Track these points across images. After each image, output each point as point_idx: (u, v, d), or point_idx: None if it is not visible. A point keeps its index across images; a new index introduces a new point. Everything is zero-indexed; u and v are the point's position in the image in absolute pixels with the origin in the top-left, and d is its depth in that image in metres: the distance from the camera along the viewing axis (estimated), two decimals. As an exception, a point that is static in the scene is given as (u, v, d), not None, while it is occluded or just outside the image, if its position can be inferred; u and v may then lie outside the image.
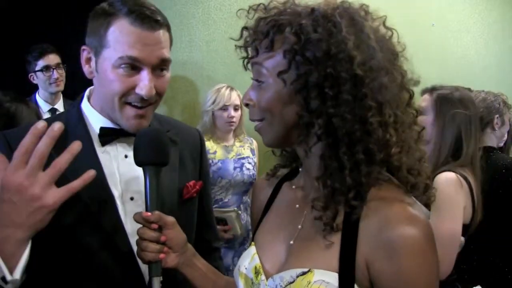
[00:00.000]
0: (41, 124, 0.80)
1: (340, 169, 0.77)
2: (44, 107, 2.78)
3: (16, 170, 0.78)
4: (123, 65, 0.96)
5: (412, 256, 0.71)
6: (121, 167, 1.05)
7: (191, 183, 1.13)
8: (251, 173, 2.52)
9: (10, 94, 1.67)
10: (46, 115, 2.65)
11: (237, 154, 2.55)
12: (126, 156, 1.06)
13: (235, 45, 0.85)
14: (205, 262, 1.04)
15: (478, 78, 3.16)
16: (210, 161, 2.45)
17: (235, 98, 2.48)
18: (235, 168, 2.50)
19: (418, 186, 0.80)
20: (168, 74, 1.04)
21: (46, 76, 2.72)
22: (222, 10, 2.86)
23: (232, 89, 2.49)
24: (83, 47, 1.03)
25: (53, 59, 2.72)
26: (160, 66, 1.00)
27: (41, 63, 2.71)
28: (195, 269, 1.00)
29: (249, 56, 0.84)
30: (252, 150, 2.61)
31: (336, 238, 0.78)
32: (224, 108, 2.46)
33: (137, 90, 0.97)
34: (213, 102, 2.47)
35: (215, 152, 2.49)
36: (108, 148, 1.05)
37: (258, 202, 1.02)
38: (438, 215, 1.53)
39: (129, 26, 0.95)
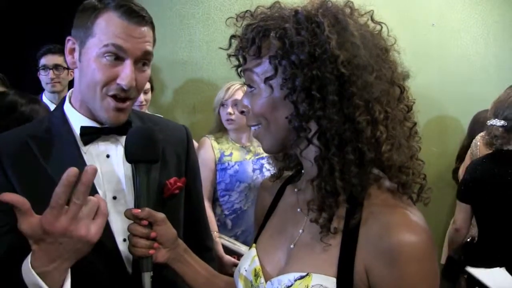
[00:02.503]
0: (72, 172, 0.81)
1: (331, 171, 0.76)
2: (50, 106, 2.77)
3: (57, 217, 0.82)
4: (107, 54, 0.97)
5: (412, 263, 0.71)
6: (103, 167, 1.05)
7: (172, 180, 1.12)
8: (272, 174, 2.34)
9: (26, 95, 1.67)
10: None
11: (256, 154, 2.34)
12: (108, 156, 1.06)
13: (227, 54, 0.85)
14: (199, 259, 1.04)
15: (478, 78, 3.16)
16: (226, 164, 2.28)
17: (239, 94, 2.27)
18: (254, 170, 2.29)
19: (410, 185, 0.79)
20: (148, 71, 1.05)
21: (43, 75, 2.72)
22: (222, 10, 2.86)
23: (239, 85, 2.30)
24: (68, 37, 1.04)
25: (52, 59, 2.71)
26: (142, 59, 1.01)
27: (42, 62, 2.71)
28: (186, 265, 1.00)
29: (240, 64, 0.84)
30: None
31: (336, 243, 0.78)
32: (224, 104, 2.31)
33: (118, 81, 0.98)
34: (217, 99, 2.34)
35: (230, 154, 2.31)
36: (90, 147, 1.05)
37: (262, 204, 1.02)
38: None
39: (117, 19, 0.98)
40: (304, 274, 0.78)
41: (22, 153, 1.01)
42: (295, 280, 0.78)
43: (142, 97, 2.43)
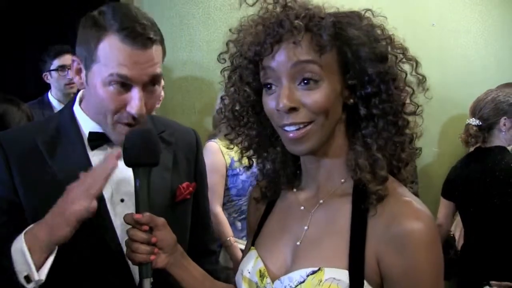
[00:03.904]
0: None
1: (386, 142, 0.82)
2: (57, 106, 2.75)
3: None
4: (113, 83, 0.95)
5: (421, 249, 0.74)
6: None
7: (184, 184, 1.12)
8: None
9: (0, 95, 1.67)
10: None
11: None
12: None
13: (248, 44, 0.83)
14: (195, 264, 1.02)
15: (478, 78, 3.15)
16: (237, 169, 2.28)
17: None
18: None
19: (398, 170, 0.85)
20: (159, 88, 1.03)
21: (61, 76, 2.70)
22: (222, 10, 2.85)
23: None
24: (73, 57, 1.02)
25: (69, 59, 2.62)
26: (151, 82, 0.99)
27: (56, 63, 2.69)
28: (184, 270, 0.99)
29: (299, 58, 0.77)
30: None
31: (345, 235, 0.79)
32: None
33: (128, 109, 0.97)
34: None
35: (239, 159, 2.29)
36: (98, 150, 1.05)
37: (255, 209, 1.01)
38: None
39: (120, 44, 0.93)
40: (315, 269, 0.78)
41: (29, 151, 1.01)
42: (308, 276, 0.79)
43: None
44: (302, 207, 0.89)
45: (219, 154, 2.27)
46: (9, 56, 2.80)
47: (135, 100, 0.96)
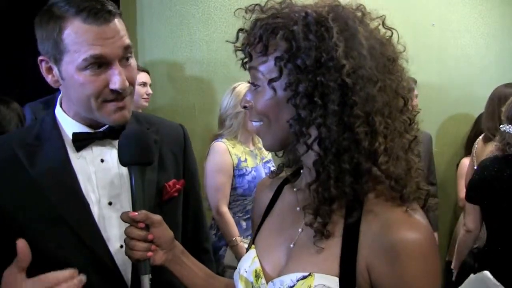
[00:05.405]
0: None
1: (328, 178, 0.76)
2: None
3: None
4: (89, 66, 0.93)
5: (414, 260, 0.71)
6: (97, 172, 1.03)
7: (171, 182, 1.10)
8: None
9: None
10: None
11: (262, 158, 2.40)
12: (102, 161, 1.04)
13: (234, 46, 0.84)
14: (196, 261, 1.03)
15: (478, 78, 3.16)
16: (244, 170, 2.29)
17: None
18: (266, 174, 2.27)
19: (408, 197, 0.77)
20: (133, 61, 1.01)
21: None
22: (222, 10, 2.86)
23: None
24: (40, 57, 0.99)
25: None
26: (125, 55, 0.98)
27: None
28: (184, 267, 0.99)
29: (245, 59, 0.83)
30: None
31: (337, 242, 0.78)
32: None
33: (111, 86, 0.96)
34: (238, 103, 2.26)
35: (245, 160, 2.32)
36: (84, 153, 1.03)
37: (260, 204, 1.01)
38: None
39: (84, 25, 0.92)
40: (306, 274, 0.77)
41: (6, 160, 0.99)
42: (298, 281, 0.78)
43: (142, 90, 2.52)
44: (298, 208, 0.89)
45: (226, 154, 2.27)
46: (9, 56, 2.79)
47: (115, 75, 0.95)
